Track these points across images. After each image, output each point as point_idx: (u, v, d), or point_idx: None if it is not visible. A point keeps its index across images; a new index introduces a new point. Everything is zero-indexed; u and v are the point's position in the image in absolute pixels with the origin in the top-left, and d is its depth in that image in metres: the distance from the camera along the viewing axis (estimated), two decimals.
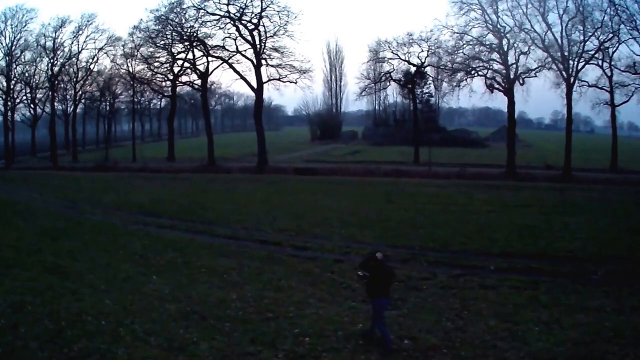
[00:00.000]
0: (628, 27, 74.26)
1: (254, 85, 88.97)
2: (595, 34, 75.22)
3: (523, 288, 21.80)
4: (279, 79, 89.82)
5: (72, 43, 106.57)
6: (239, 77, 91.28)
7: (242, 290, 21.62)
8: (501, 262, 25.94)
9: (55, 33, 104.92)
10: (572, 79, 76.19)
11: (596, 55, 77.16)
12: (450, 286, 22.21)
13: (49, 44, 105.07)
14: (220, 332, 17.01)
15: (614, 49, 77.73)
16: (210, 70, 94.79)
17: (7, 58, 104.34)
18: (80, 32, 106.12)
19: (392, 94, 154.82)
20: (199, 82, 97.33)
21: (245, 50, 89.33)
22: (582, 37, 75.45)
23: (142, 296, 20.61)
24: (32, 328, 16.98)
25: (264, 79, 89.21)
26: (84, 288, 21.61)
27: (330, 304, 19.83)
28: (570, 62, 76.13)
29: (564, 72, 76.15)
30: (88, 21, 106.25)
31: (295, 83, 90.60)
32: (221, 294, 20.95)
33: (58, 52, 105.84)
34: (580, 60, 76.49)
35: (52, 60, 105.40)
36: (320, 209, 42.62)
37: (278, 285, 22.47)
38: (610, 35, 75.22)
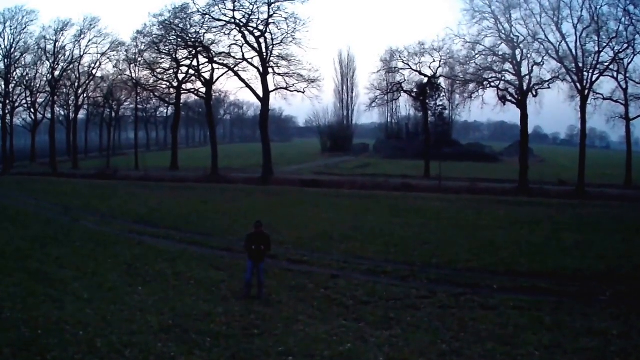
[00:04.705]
0: None
1: (260, 94, 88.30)
2: (610, 44, 74.69)
3: (526, 309, 20.75)
4: (286, 88, 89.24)
5: (74, 47, 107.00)
6: (244, 86, 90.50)
7: (230, 304, 20.82)
8: (506, 281, 24.93)
9: (56, 36, 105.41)
10: (586, 91, 75.38)
11: (611, 67, 76.57)
12: (449, 306, 21.20)
13: (50, 47, 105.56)
14: (201, 347, 16.06)
15: (629, 60, 77.31)
16: (215, 77, 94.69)
17: (6, 60, 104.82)
18: (83, 35, 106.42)
19: (405, 106, 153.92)
20: (204, 89, 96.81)
21: (251, 58, 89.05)
22: (596, 48, 75.00)
23: (124, 307, 19.86)
24: (7, 334, 16.20)
25: (271, 87, 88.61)
26: (66, 296, 20.99)
27: (321, 322, 18.89)
28: (585, 73, 75.37)
29: (578, 84, 75.39)
30: (90, 25, 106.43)
31: (303, 93, 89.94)
32: (207, 308, 20.11)
33: (59, 56, 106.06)
34: (595, 72, 75.82)
35: (53, 64, 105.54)
36: (323, 222, 41.81)
37: (268, 300, 21.62)
38: (625, 45, 74.64)
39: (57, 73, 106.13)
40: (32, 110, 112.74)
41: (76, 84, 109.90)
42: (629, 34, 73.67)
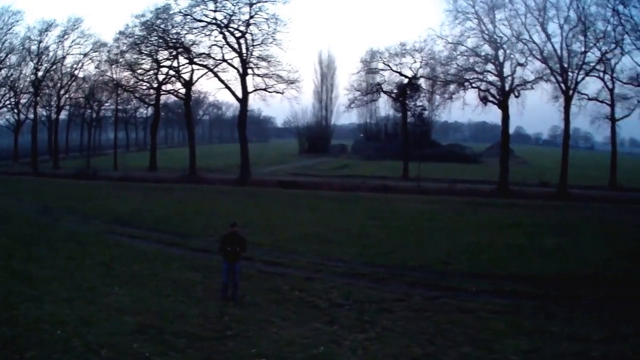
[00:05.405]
0: (632, 38, 73.08)
1: (239, 94, 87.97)
2: (597, 44, 74.19)
3: (504, 313, 20.67)
4: (265, 89, 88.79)
5: (57, 47, 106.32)
6: (224, 87, 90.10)
7: (205, 305, 20.75)
8: (484, 284, 24.88)
9: (41, 36, 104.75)
10: (571, 92, 74.98)
11: (597, 67, 76.24)
12: (425, 309, 21.11)
13: (34, 47, 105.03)
14: (175, 349, 15.86)
15: (617, 60, 77.15)
16: (194, 78, 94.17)
17: None
18: (66, 36, 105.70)
19: (385, 107, 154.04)
20: (183, 90, 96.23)
21: (231, 59, 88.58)
22: (583, 48, 74.40)
23: (102, 307, 19.69)
24: None
25: (250, 88, 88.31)
26: (46, 295, 20.80)
27: (295, 324, 18.77)
28: (570, 73, 74.96)
29: (562, 85, 74.92)
30: (74, 25, 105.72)
31: (282, 94, 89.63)
32: (182, 309, 19.96)
33: (43, 57, 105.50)
34: (580, 72, 75.42)
35: (36, 65, 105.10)
36: (300, 223, 41.67)
37: (242, 301, 21.56)
38: (613, 45, 74.23)
39: (40, 74, 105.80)
40: (16, 110, 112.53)
41: (58, 85, 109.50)
42: (617, 34, 73.18)
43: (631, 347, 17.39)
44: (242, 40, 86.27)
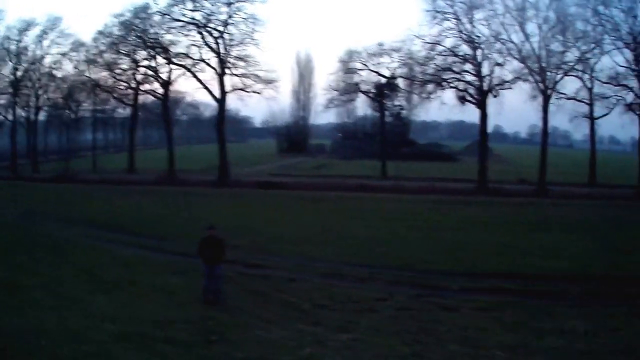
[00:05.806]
0: (612, 37, 73.48)
1: (217, 95, 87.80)
2: (577, 44, 74.43)
3: (489, 309, 20.71)
4: (242, 89, 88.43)
5: (36, 47, 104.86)
6: (202, 87, 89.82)
7: (188, 310, 20.43)
8: (466, 282, 24.88)
9: (20, 36, 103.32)
10: (549, 91, 75.21)
11: (576, 67, 76.28)
12: (408, 307, 21.10)
13: (13, 47, 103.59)
14: (160, 355, 15.70)
15: (596, 60, 77.00)
16: (172, 78, 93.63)
17: None
18: (45, 35, 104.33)
19: (363, 106, 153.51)
20: (161, 90, 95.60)
21: (209, 59, 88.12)
22: (561, 48, 74.70)
23: (85, 314, 19.38)
24: None
25: (228, 88, 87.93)
26: (28, 305, 20.46)
27: (278, 326, 18.63)
28: (548, 73, 75.14)
29: (540, 84, 75.08)
30: (53, 24, 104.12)
31: (260, 94, 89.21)
32: (165, 314, 19.69)
33: (22, 57, 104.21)
34: (559, 72, 75.63)
35: (15, 65, 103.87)
36: (280, 224, 41.66)
37: (225, 305, 21.25)
38: (593, 45, 74.44)
39: (19, 74, 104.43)
40: None
41: (37, 85, 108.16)
42: (597, 34, 73.54)
43: (615, 340, 17.53)
44: (220, 40, 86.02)
